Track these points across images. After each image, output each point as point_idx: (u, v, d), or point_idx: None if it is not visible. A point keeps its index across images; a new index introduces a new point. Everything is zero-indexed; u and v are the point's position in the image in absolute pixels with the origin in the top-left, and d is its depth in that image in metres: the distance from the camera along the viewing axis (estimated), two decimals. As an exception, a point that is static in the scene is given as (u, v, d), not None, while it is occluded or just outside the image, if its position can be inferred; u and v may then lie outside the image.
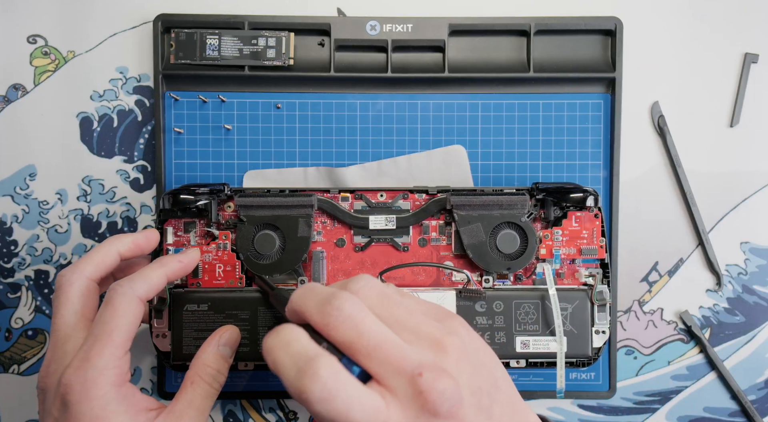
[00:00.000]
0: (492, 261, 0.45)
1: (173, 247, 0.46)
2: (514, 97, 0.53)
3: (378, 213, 0.46)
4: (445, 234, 0.47)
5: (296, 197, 0.45)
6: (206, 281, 0.45)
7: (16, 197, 0.52)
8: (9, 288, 0.53)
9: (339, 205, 0.46)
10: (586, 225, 0.47)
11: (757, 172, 0.54)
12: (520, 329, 0.45)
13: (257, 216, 0.45)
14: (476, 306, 0.45)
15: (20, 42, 0.52)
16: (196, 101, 0.52)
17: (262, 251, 0.45)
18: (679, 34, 0.54)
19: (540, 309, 0.45)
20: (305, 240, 0.45)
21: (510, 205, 0.45)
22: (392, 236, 0.46)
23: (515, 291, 0.45)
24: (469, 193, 0.45)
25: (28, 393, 0.53)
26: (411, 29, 0.51)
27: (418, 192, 0.47)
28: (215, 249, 0.45)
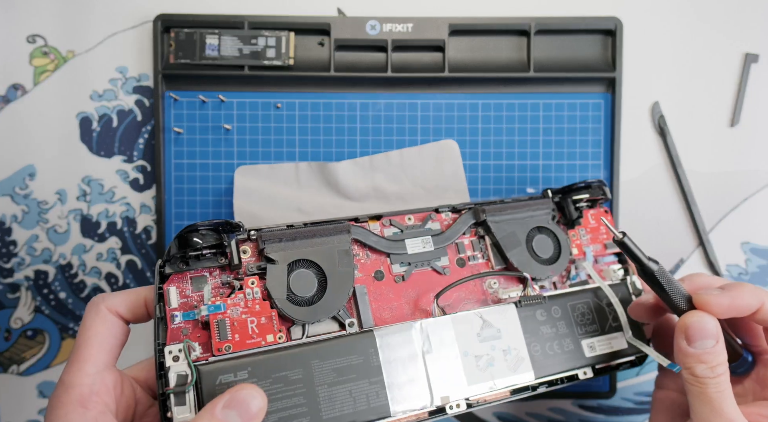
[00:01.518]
0: (535, 267, 0.43)
1: (180, 312, 0.35)
2: (514, 97, 0.53)
3: (413, 237, 0.42)
4: (480, 250, 0.44)
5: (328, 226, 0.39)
6: (238, 342, 0.35)
7: (15, 197, 0.52)
8: (8, 288, 0.52)
9: (372, 233, 0.41)
10: (601, 221, 0.47)
11: (757, 172, 0.54)
12: (582, 332, 0.43)
13: (291, 254, 0.37)
14: (537, 315, 0.42)
15: (20, 41, 0.52)
16: (196, 101, 0.52)
17: (301, 293, 0.37)
18: (679, 34, 0.54)
19: (592, 308, 0.44)
20: (349, 275, 0.38)
21: (535, 209, 0.44)
22: (431, 259, 0.42)
23: (565, 295, 0.43)
24: (495, 204, 0.44)
25: (28, 393, 0.53)
26: (411, 29, 0.51)
27: (443, 210, 0.44)
28: (243, 300, 0.36)
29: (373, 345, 0.37)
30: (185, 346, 0.33)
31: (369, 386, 0.35)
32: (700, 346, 0.35)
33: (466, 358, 0.39)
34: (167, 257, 0.35)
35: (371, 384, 0.36)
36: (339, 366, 0.35)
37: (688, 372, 0.35)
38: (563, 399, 0.54)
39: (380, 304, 0.40)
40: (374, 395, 0.35)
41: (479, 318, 0.40)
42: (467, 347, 0.39)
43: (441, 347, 0.38)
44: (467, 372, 0.39)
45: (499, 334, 0.40)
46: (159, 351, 0.34)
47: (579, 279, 0.46)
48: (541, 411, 0.54)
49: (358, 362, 0.36)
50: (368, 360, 0.36)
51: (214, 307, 0.35)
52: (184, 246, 0.34)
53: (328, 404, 0.34)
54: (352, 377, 0.35)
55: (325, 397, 0.35)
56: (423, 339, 0.38)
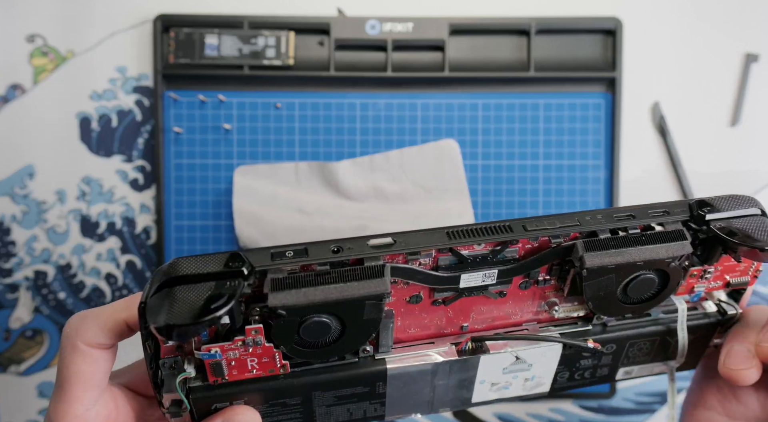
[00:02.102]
0: (615, 307, 0.33)
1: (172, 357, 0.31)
2: (514, 97, 0.53)
3: (474, 270, 0.31)
4: (555, 275, 0.33)
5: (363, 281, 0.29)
6: (235, 376, 0.31)
7: (15, 197, 0.52)
8: (8, 288, 0.52)
9: (418, 269, 0.31)
10: (746, 260, 0.34)
11: (757, 172, 0.54)
12: (627, 363, 0.36)
13: (302, 307, 0.28)
14: (583, 353, 0.34)
15: (19, 41, 0.52)
16: (196, 101, 0.52)
17: (313, 339, 0.30)
18: (679, 33, 0.53)
19: (658, 343, 0.35)
20: (374, 323, 0.30)
21: (662, 256, 0.31)
22: (487, 288, 0.32)
23: (632, 328, 0.34)
24: (608, 243, 0.31)
25: (28, 393, 0.53)
26: (411, 29, 0.51)
27: (533, 236, 0.30)
28: (242, 347, 0.30)
29: (382, 379, 0.32)
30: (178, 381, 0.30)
31: (368, 405, 0.34)
32: None
33: (482, 385, 0.34)
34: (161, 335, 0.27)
35: (371, 404, 0.34)
36: (341, 395, 0.33)
37: None
38: (564, 400, 0.54)
39: (408, 322, 0.33)
40: (372, 410, 0.34)
41: (513, 357, 0.33)
42: (487, 377, 0.34)
43: (456, 379, 0.34)
44: (476, 394, 0.35)
45: (528, 368, 0.34)
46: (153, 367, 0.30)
47: None
48: (542, 412, 0.54)
49: (362, 391, 0.33)
50: (374, 390, 0.33)
51: (208, 355, 0.29)
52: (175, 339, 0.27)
53: (325, 418, 0.34)
54: (354, 400, 0.33)
55: (322, 413, 0.33)
56: (441, 373, 0.33)
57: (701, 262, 0.33)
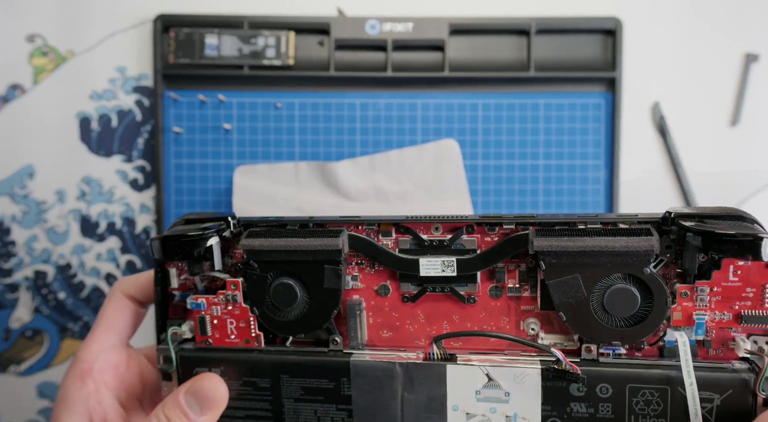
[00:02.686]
0: (596, 327, 0.30)
1: (179, 292, 0.36)
2: (514, 97, 0.53)
3: (432, 255, 0.33)
4: (528, 283, 0.32)
5: (321, 237, 0.33)
6: (217, 339, 0.35)
7: (15, 197, 0.52)
8: (8, 288, 0.52)
9: (377, 244, 0.33)
10: (752, 281, 0.30)
11: (757, 172, 0.54)
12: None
13: (271, 262, 0.33)
14: (571, 389, 0.31)
15: (19, 41, 0.52)
16: (196, 101, 0.52)
17: (282, 305, 0.34)
18: (679, 34, 0.53)
19: (669, 397, 0.30)
20: (335, 293, 0.33)
21: (627, 251, 0.29)
22: (452, 284, 0.33)
23: (631, 368, 0.30)
24: (563, 232, 0.30)
25: (28, 393, 0.53)
26: (411, 29, 0.51)
27: (488, 225, 0.32)
28: (224, 302, 0.35)
29: (346, 374, 0.33)
30: (170, 332, 0.35)
31: (335, 411, 0.34)
32: None
33: (455, 413, 0.32)
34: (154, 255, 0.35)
35: (338, 410, 0.34)
36: (307, 386, 0.34)
37: None
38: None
39: (380, 320, 0.34)
40: (339, 420, 0.34)
41: (484, 375, 0.32)
42: (459, 401, 0.32)
43: (425, 394, 0.32)
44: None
45: (505, 398, 0.31)
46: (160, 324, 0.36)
47: None
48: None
49: (327, 387, 0.34)
50: (339, 387, 0.33)
51: (195, 304, 0.35)
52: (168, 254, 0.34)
53: (292, 416, 0.35)
54: (320, 398, 0.34)
55: (290, 409, 0.34)
56: (406, 379, 0.32)
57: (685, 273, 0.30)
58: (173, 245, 0.33)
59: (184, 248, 0.33)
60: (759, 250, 0.27)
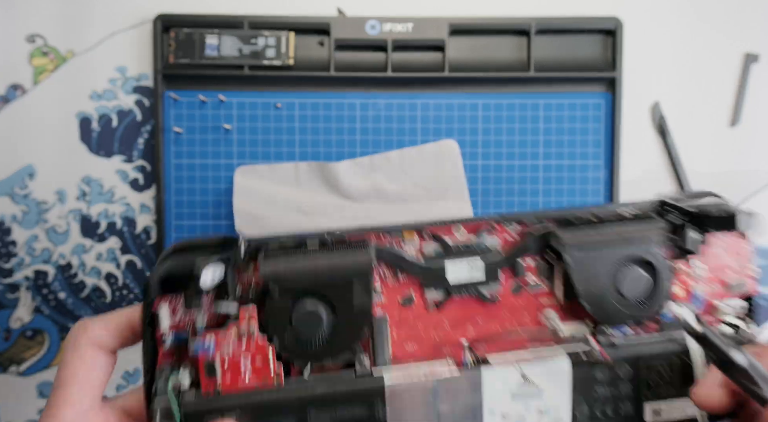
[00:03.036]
0: (615, 312, 0.32)
1: (172, 333, 0.31)
2: (514, 97, 0.53)
3: (457, 258, 0.33)
4: (546, 277, 0.33)
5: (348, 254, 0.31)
6: (228, 383, 0.31)
7: (15, 197, 0.52)
8: (8, 288, 0.52)
9: (405, 255, 0.32)
10: (732, 251, 0.34)
11: (757, 172, 0.54)
12: (651, 394, 0.33)
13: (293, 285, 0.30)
14: (596, 374, 0.32)
15: (19, 41, 0.52)
16: (196, 101, 0.52)
17: (307, 331, 0.31)
18: (679, 33, 0.53)
19: (675, 367, 0.33)
20: (365, 311, 0.31)
21: (636, 237, 0.32)
22: (477, 285, 0.33)
23: (644, 346, 0.33)
24: (581, 224, 0.33)
25: (28, 393, 0.53)
26: (411, 29, 0.51)
27: (508, 221, 0.33)
28: (236, 337, 0.30)
29: (380, 397, 0.31)
30: (170, 385, 0.31)
31: None
32: None
33: (492, 417, 0.32)
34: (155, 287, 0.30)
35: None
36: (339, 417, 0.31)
37: None
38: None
39: (404, 333, 0.33)
40: None
41: (519, 375, 0.32)
42: (495, 405, 0.32)
43: (463, 404, 0.32)
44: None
45: (539, 394, 0.32)
46: (149, 375, 0.31)
47: None
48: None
49: (361, 414, 0.31)
50: (373, 413, 0.31)
51: (201, 347, 0.30)
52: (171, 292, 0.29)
53: None
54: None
55: None
56: (443, 393, 0.32)
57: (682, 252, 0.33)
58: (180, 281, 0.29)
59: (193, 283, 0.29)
60: (736, 223, 0.31)
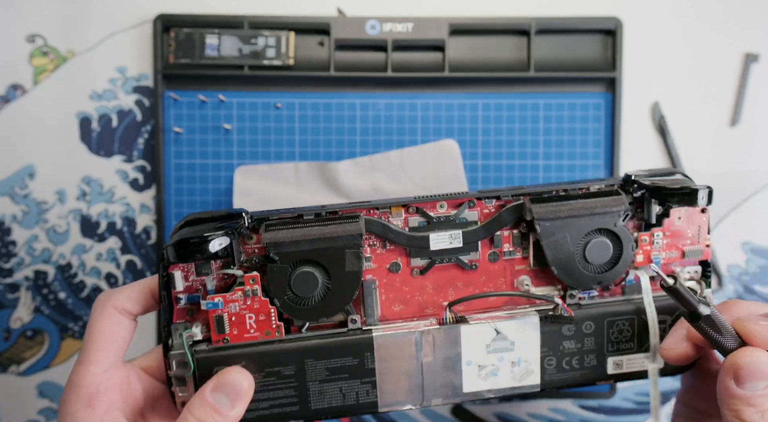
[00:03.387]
0: (581, 276, 0.36)
1: (185, 295, 0.36)
2: (514, 97, 0.53)
3: (440, 230, 0.36)
4: (521, 246, 0.37)
5: (339, 224, 0.35)
6: (235, 336, 0.35)
7: (15, 197, 0.52)
8: (8, 288, 0.52)
9: (391, 226, 0.36)
10: (693, 221, 0.38)
11: (757, 172, 0.54)
12: (613, 349, 0.37)
13: (292, 253, 0.35)
14: (563, 330, 0.37)
15: (19, 41, 0.52)
16: (196, 101, 0.52)
17: (303, 293, 0.35)
18: (679, 33, 0.54)
19: (636, 324, 0.37)
20: (355, 275, 0.35)
21: (602, 209, 0.36)
22: (457, 254, 0.37)
23: (606, 306, 0.37)
24: (551, 198, 0.36)
25: (28, 393, 0.53)
26: (411, 29, 0.51)
27: (487, 198, 0.37)
28: (242, 298, 0.35)
29: (369, 349, 0.36)
30: (185, 336, 0.35)
31: (360, 385, 0.36)
32: (751, 388, 0.31)
33: (468, 367, 0.36)
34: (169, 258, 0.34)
35: (362, 383, 0.36)
36: (332, 366, 0.35)
37: (734, 415, 0.32)
38: (564, 399, 0.54)
39: (392, 296, 0.37)
40: (364, 393, 0.36)
41: (493, 330, 0.36)
42: (472, 357, 0.36)
43: (443, 356, 0.36)
44: (466, 380, 0.36)
45: (511, 347, 0.37)
46: (165, 329, 0.35)
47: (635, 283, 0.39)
48: (542, 412, 0.54)
49: (352, 363, 0.36)
50: (363, 363, 0.36)
51: (212, 304, 0.35)
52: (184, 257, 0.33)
53: (318, 397, 0.36)
54: (344, 376, 0.36)
55: (315, 391, 0.36)
56: (425, 346, 0.36)
57: (645, 225, 0.37)
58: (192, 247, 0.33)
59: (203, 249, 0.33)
60: (696, 198, 0.35)
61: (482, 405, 0.54)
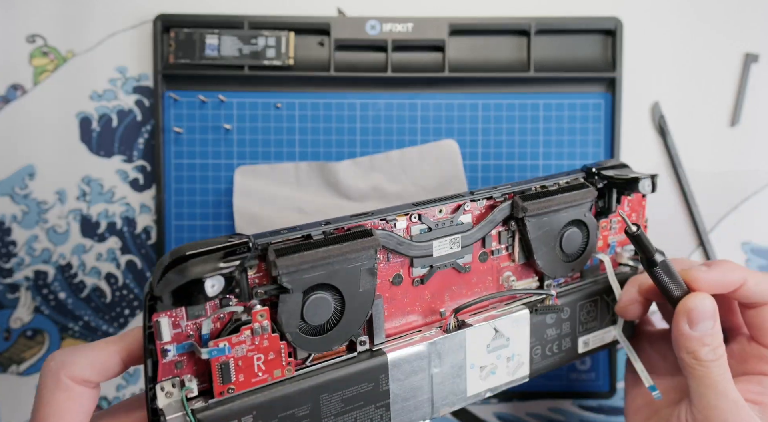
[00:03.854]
0: (559, 266, 0.39)
1: (173, 345, 0.29)
2: (514, 97, 0.53)
3: (441, 236, 0.36)
4: (505, 243, 0.39)
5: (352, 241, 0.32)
6: (242, 383, 0.31)
7: (15, 197, 0.52)
8: (8, 288, 0.52)
9: (403, 239, 0.35)
10: (635, 208, 0.43)
11: (757, 172, 0.54)
12: (582, 330, 0.41)
13: (307, 279, 0.31)
14: (547, 319, 0.39)
15: (19, 41, 0.52)
16: (196, 101, 0.52)
17: (316, 322, 0.32)
18: (679, 33, 0.54)
19: (599, 303, 0.41)
20: (369, 294, 0.33)
21: (576, 202, 0.39)
22: (455, 259, 0.37)
23: (580, 290, 0.41)
24: (537, 195, 0.38)
25: (28, 393, 0.53)
26: (411, 29, 0.51)
27: (478, 199, 0.37)
28: (250, 337, 0.30)
29: (384, 371, 0.34)
30: (183, 395, 0.30)
31: (374, 410, 0.34)
32: (702, 329, 0.35)
33: (472, 370, 0.37)
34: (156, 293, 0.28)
35: (377, 408, 0.34)
36: (347, 397, 0.33)
37: (692, 356, 0.35)
38: (563, 400, 0.54)
39: (393, 311, 0.36)
40: (378, 418, 0.34)
41: (492, 330, 0.37)
42: (475, 359, 0.37)
43: (450, 363, 0.36)
44: (469, 383, 0.37)
45: (507, 343, 0.38)
46: (151, 391, 0.29)
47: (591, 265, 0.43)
48: (542, 412, 0.54)
49: (367, 389, 0.33)
50: (378, 386, 0.34)
51: (217, 351, 0.30)
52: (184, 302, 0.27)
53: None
54: (359, 404, 0.33)
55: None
56: (434, 357, 0.35)
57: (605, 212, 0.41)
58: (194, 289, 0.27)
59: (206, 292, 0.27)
60: (637, 186, 0.39)
61: (482, 405, 0.54)
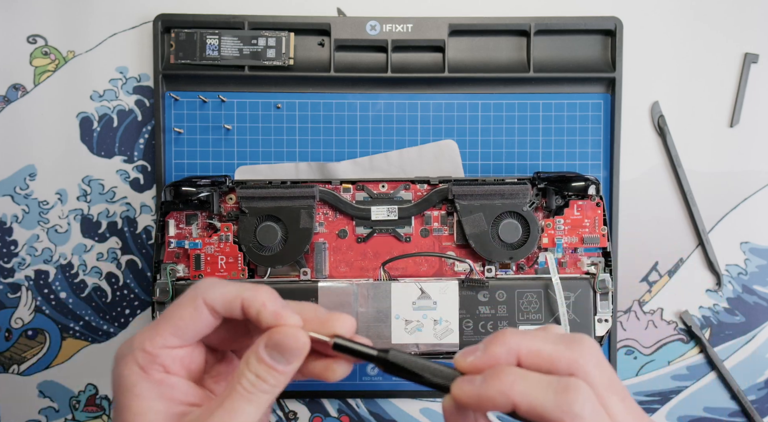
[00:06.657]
0: (494, 250, 0.46)
1: (175, 240, 0.46)
2: (514, 97, 0.53)
3: (380, 204, 0.47)
4: (447, 225, 0.47)
5: (298, 188, 0.46)
6: (208, 273, 0.46)
7: (16, 197, 0.52)
8: (9, 288, 0.53)
9: (341, 196, 0.47)
10: (588, 214, 0.47)
11: (757, 172, 0.54)
12: (523, 318, 0.46)
13: (259, 208, 0.45)
14: (479, 296, 0.45)
15: (20, 42, 0.52)
16: (196, 101, 0.52)
17: (264, 242, 0.45)
18: (679, 34, 0.54)
19: (543, 298, 0.46)
20: (307, 232, 0.46)
21: (512, 195, 0.46)
22: (394, 227, 0.47)
23: (518, 281, 0.46)
24: (470, 183, 0.46)
25: (28, 393, 0.53)
26: (411, 29, 0.51)
27: (420, 182, 0.47)
28: (217, 242, 0.46)
29: (314, 295, 0.44)
30: (168, 269, 0.45)
31: None
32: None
33: (397, 321, 0.45)
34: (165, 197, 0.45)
35: None
36: None
37: None
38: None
39: (338, 258, 0.47)
40: None
41: (418, 289, 0.45)
42: (400, 311, 0.45)
43: (375, 307, 0.45)
44: (394, 331, 0.45)
45: (434, 306, 0.45)
46: (156, 266, 0.46)
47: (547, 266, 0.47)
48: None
49: None
50: None
51: (193, 244, 0.46)
52: (177, 196, 0.44)
53: None
54: None
55: None
56: (360, 298, 0.45)
57: (548, 212, 0.47)
58: (184, 193, 0.44)
59: (191, 195, 0.44)
60: (587, 191, 0.46)
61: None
